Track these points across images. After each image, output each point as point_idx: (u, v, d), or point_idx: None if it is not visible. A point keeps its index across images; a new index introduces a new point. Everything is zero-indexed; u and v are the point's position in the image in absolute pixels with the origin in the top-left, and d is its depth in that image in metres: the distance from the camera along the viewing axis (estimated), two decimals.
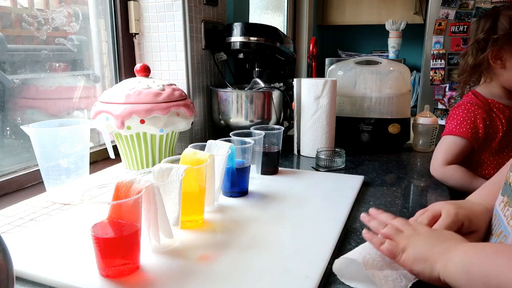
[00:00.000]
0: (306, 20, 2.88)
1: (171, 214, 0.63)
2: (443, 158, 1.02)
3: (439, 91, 2.45)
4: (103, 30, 1.22)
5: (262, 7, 2.36)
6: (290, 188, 0.89)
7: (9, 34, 0.95)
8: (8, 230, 0.71)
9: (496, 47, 1.00)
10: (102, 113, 0.97)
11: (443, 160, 1.01)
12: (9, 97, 0.95)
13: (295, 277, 0.54)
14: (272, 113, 1.29)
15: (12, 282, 0.41)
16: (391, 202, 0.84)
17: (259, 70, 1.37)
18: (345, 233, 0.69)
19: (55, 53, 1.05)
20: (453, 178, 1.00)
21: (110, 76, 1.26)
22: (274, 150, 0.99)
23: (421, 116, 1.25)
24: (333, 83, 1.14)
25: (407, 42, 3.02)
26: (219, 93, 1.28)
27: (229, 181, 0.83)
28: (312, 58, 2.84)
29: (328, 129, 1.16)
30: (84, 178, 0.85)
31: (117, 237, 0.53)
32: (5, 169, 0.92)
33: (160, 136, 1.00)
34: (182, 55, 1.21)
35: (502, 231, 0.60)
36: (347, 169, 1.07)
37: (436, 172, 1.02)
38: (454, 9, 2.34)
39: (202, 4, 1.27)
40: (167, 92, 0.99)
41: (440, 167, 1.01)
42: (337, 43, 3.44)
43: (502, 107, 1.04)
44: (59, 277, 0.54)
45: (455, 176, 1.00)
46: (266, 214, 0.76)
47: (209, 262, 0.58)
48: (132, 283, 0.53)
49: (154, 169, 0.65)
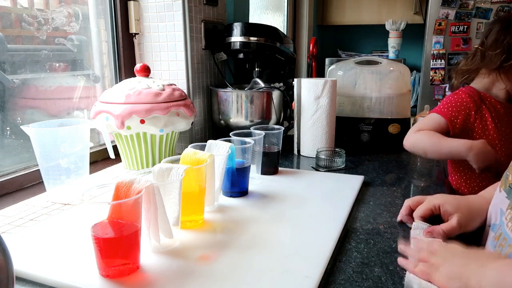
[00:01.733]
0: (306, 20, 2.88)
1: (171, 214, 0.63)
2: (417, 127, 1.06)
3: (439, 91, 2.45)
4: (103, 30, 1.22)
5: (262, 7, 2.36)
6: (290, 188, 0.89)
7: (9, 34, 0.95)
8: (8, 230, 0.71)
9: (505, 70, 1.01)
10: (102, 113, 0.97)
11: (416, 128, 1.06)
12: (9, 97, 0.95)
13: (295, 277, 0.54)
14: (272, 113, 1.29)
15: (12, 282, 0.41)
16: (391, 202, 0.84)
17: (259, 70, 1.37)
18: (345, 233, 0.69)
19: (55, 53, 1.05)
20: (422, 141, 1.02)
21: (110, 76, 1.26)
22: (274, 150, 0.99)
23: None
24: (333, 83, 1.14)
25: (407, 42, 3.03)
26: (219, 93, 1.28)
27: (229, 181, 0.83)
28: (312, 58, 2.84)
29: (328, 129, 1.16)
30: (84, 178, 0.85)
31: (117, 237, 0.53)
32: (5, 169, 0.92)
33: (160, 136, 1.00)
34: (182, 55, 1.21)
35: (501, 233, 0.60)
36: (347, 169, 1.07)
37: (407, 141, 1.05)
38: (454, 9, 2.34)
39: (202, 4, 1.27)
40: (167, 92, 0.99)
41: (411, 134, 1.06)
42: (337, 43, 3.44)
43: (494, 101, 1.06)
44: (59, 277, 0.54)
45: (424, 138, 1.02)
46: (266, 214, 0.76)
47: (209, 262, 0.58)
48: (132, 283, 0.53)
49: (154, 169, 0.65)
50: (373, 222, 0.74)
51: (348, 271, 0.58)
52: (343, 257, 0.61)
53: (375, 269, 0.58)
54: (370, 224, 0.73)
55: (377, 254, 0.62)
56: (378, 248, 0.64)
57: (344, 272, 0.57)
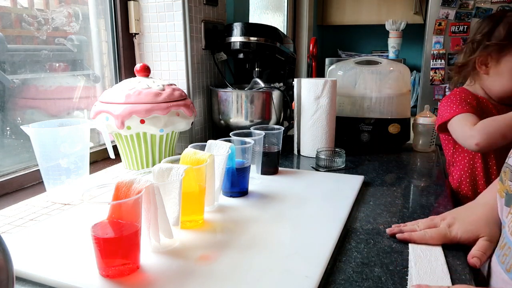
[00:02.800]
0: (306, 20, 2.88)
1: (171, 214, 0.63)
2: (467, 126, 0.98)
3: (439, 91, 2.45)
4: (103, 30, 1.22)
5: (262, 7, 2.36)
6: (290, 188, 0.89)
7: (9, 34, 0.95)
8: (8, 230, 0.71)
9: (484, 53, 1.04)
10: (102, 113, 0.97)
11: (469, 126, 0.97)
12: (9, 97, 0.95)
13: (295, 277, 0.54)
14: (272, 113, 1.29)
15: (12, 282, 0.41)
16: (391, 202, 0.84)
17: (259, 70, 1.37)
18: (345, 233, 0.69)
19: (55, 53, 1.05)
20: (492, 127, 0.94)
21: (110, 76, 1.26)
22: (274, 150, 0.99)
23: (421, 116, 1.25)
24: (333, 83, 1.14)
25: (407, 42, 3.03)
26: (219, 93, 1.28)
27: (229, 181, 0.83)
28: (312, 58, 2.84)
29: (328, 129, 1.16)
30: (84, 178, 0.85)
31: (117, 237, 0.53)
32: (5, 169, 0.92)
33: (160, 136, 1.00)
34: (182, 55, 1.21)
35: (506, 243, 0.60)
36: (347, 169, 1.07)
37: (476, 138, 0.95)
38: (454, 9, 2.34)
39: (202, 4, 1.27)
40: (167, 92, 0.99)
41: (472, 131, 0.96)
42: (337, 43, 3.44)
43: (486, 101, 1.08)
44: (59, 277, 0.54)
45: (491, 123, 0.95)
46: (266, 214, 0.76)
47: (209, 262, 0.58)
48: (132, 283, 0.53)
49: (154, 169, 0.65)
50: (373, 222, 0.74)
51: (348, 271, 0.58)
52: (343, 257, 0.61)
53: (375, 269, 0.58)
54: (370, 224, 0.73)
55: (377, 254, 0.62)
56: (378, 248, 0.64)
57: (344, 272, 0.57)
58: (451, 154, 1.14)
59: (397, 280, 0.55)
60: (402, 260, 0.61)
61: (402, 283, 0.55)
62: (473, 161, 1.09)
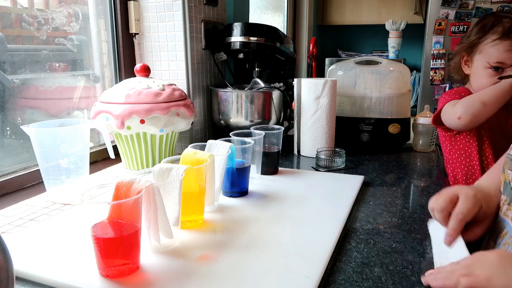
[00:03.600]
0: (306, 20, 2.88)
1: (171, 214, 0.63)
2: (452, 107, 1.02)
3: (439, 91, 2.45)
4: (103, 30, 1.22)
5: (262, 7, 2.36)
6: (290, 188, 0.89)
7: (9, 34, 0.95)
8: (8, 230, 0.71)
9: (464, 53, 1.09)
10: (102, 113, 0.97)
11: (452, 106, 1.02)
12: (9, 97, 0.95)
13: (295, 277, 0.54)
14: (272, 113, 1.29)
15: (12, 282, 0.41)
16: (391, 202, 0.84)
17: (259, 70, 1.37)
18: (345, 233, 0.69)
19: (55, 53, 1.05)
20: (471, 99, 0.99)
21: (110, 76, 1.26)
22: (274, 150, 0.99)
23: (421, 116, 1.26)
24: (333, 83, 1.14)
25: (407, 42, 3.03)
26: (219, 93, 1.28)
27: (229, 181, 0.83)
28: (312, 58, 2.84)
29: (328, 129, 1.16)
30: (84, 178, 0.85)
31: (117, 237, 0.53)
32: (5, 169, 0.92)
33: (160, 136, 1.00)
34: (182, 55, 1.21)
35: (507, 231, 0.60)
36: (347, 169, 1.07)
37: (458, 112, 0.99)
38: (454, 9, 2.34)
39: (202, 4, 1.27)
40: (167, 92, 0.99)
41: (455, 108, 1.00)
42: (337, 43, 3.44)
43: None
44: (59, 277, 0.54)
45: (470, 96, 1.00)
46: (266, 214, 0.76)
47: (209, 262, 0.58)
48: (132, 283, 0.53)
49: (154, 169, 0.65)
50: (373, 222, 0.74)
51: (348, 271, 0.58)
52: (343, 257, 0.61)
53: (375, 269, 0.58)
54: (370, 224, 0.73)
55: (377, 254, 0.62)
56: (378, 248, 0.64)
57: (344, 272, 0.57)
58: (448, 151, 1.15)
59: (397, 280, 0.55)
60: (402, 260, 0.61)
61: (402, 283, 0.55)
62: (470, 158, 1.09)
